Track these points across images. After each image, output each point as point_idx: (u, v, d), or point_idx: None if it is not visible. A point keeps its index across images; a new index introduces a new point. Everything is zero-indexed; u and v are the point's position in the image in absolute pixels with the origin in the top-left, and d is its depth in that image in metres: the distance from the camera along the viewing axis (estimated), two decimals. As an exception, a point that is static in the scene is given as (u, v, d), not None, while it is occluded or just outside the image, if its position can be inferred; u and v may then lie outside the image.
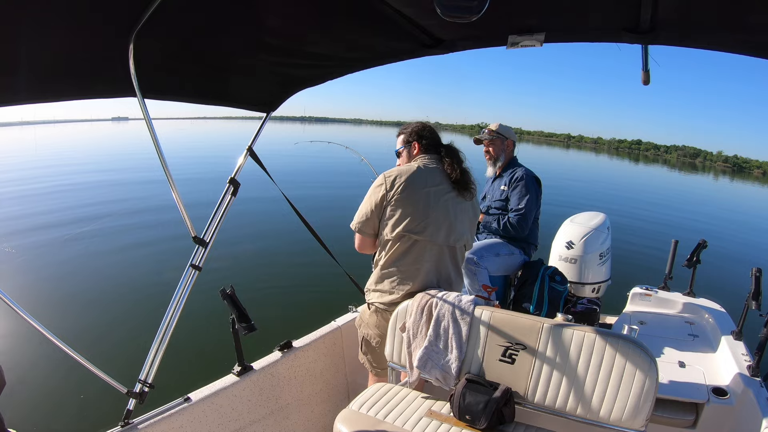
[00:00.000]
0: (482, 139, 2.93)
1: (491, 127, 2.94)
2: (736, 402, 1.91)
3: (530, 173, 2.82)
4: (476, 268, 2.60)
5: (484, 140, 2.92)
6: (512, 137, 2.94)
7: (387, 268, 1.83)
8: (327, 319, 2.38)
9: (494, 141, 2.90)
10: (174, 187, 1.54)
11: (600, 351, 1.45)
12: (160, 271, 5.85)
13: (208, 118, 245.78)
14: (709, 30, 1.33)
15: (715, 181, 50.64)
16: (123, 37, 1.21)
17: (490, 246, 2.70)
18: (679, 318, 2.76)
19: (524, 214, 2.71)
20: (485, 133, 2.94)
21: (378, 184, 1.81)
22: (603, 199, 16.11)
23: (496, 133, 2.90)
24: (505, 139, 2.90)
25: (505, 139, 2.90)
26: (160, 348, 1.56)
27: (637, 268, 6.29)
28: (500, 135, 2.89)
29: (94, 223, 8.65)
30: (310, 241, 2.32)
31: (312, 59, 1.74)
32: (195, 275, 1.68)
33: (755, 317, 2.14)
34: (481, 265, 2.61)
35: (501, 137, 2.89)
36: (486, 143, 2.92)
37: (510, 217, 2.74)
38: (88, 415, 3.12)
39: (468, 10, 0.89)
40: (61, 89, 1.32)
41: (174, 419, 1.61)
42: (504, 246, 2.76)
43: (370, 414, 1.59)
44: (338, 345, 2.33)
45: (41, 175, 15.14)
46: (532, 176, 2.81)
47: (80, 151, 28.67)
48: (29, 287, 5.16)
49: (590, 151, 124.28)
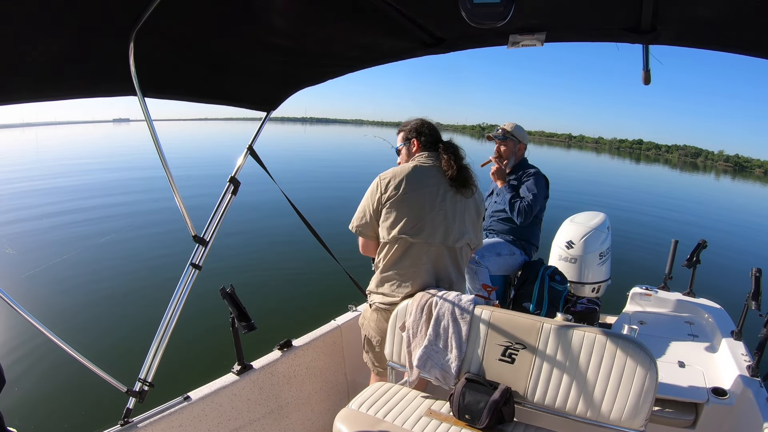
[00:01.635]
0: (495, 138, 2.85)
1: (506, 127, 2.85)
2: (736, 402, 1.91)
3: (541, 173, 2.80)
4: (477, 267, 2.60)
5: (497, 140, 2.84)
6: (525, 141, 2.88)
7: (386, 272, 1.83)
8: (327, 318, 2.38)
9: (507, 142, 2.82)
10: (174, 186, 1.54)
11: (600, 351, 1.45)
12: (160, 269, 5.86)
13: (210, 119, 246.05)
14: (710, 30, 1.33)
15: (717, 180, 50.61)
16: (123, 35, 1.21)
17: (492, 245, 2.70)
18: (678, 318, 2.76)
19: (531, 203, 2.65)
20: (499, 132, 2.85)
21: (373, 187, 1.79)
22: (603, 199, 16.10)
23: (511, 134, 2.81)
24: (518, 142, 2.83)
25: (518, 142, 2.83)
26: (160, 347, 1.56)
27: (637, 268, 6.30)
28: (514, 137, 2.82)
29: (94, 222, 8.67)
30: (310, 241, 2.32)
31: (312, 58, 1.73)
32: (195, 274, 1.68)
33: (755, 317, 2.14)
34: (483, 264, 2.61)
35: (514, 139, 2.82)
36: (498, 143, 2.84)
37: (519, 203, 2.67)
38: (87, 414, 3.12)
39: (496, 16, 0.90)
40: (62, 88, 1.32)
41: (174, 418, 1.61)
42: (505, 246, 2.75)
43: (370, 413, 1.59)
44: (338, 344, 2.33)
45: (42, 175, 15.16)
46: (542, 175, 2.79)
47: (81, 152, 28.69)
48: (29, 286, 5.16)
49: (591, 150, 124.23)
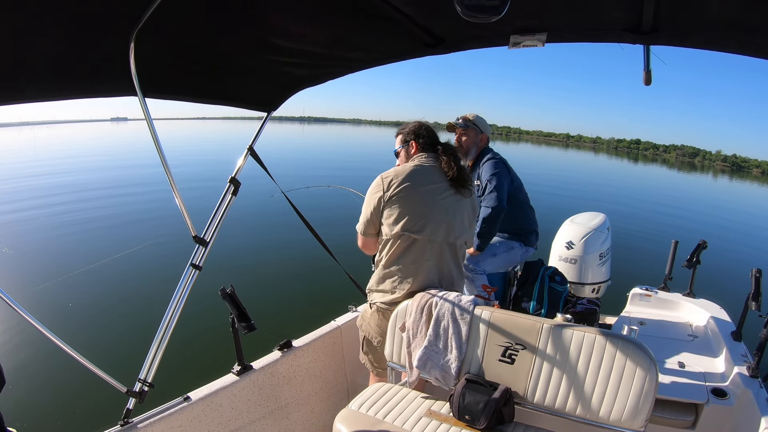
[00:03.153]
0: (456, 126, 2.70)
1: (468, 116, 2.70)
2: (736, 402, 1.91)
3: (495, 155, 2.66)
4: (473, 275, 2.58)
5: (458, 128, 2.70)
6: (487, 132, 2.75)
7: (388, 268, 1.84)
8: (327, 319, 2.38)
9: (468, 131, 2.68)
10: (174, 187, 1.54)
11: (600, 351, 1.45)
12: (160, 270, 5.85)
13: (208, 118, 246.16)
14: (710, 31, 1.33)
15: (715, 180, 50.66)
16: (124, 36, 1.21)
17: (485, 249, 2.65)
18: (678, 318, 2.76)
19: (495, 188, 2.52)
20: (460, 120, 2.70)
21: (375, 186, 1.82)
22: (603, 199, 16.11)
23: (473, 123, 2.68)
24: (480, 132, 2.70)
25: (480, 132, 2.70)
26: (160, 347, 1.56)
27: (637, 269, 6.30)
28: (476, 126, 2.68)
29: (94, 223, 8.66)
30: (310, 241, 2.32)
31: (313, 59, 1.74)
32: (195, 274, 1.68)
33: (755, 318, 2.14)
34: (479, 270, 2.59)
35: (476, 129, 2.69)
36: (459, 132, 2.70)
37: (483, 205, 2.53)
38: (87, 414, 3.12)
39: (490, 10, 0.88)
40: (62, 88, 1.32)
41: (174, 418, 1.61)
42: (500, 244, 2.69)
43: (370, 414, 1.59)
44: (338, 345, 2.33)
45: (40, 173, 15.15)
46: (497, 158, 2.64)
47: (79, 151, 28.66)
48: (29, 287, 5.16)
49: (589, 150, 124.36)
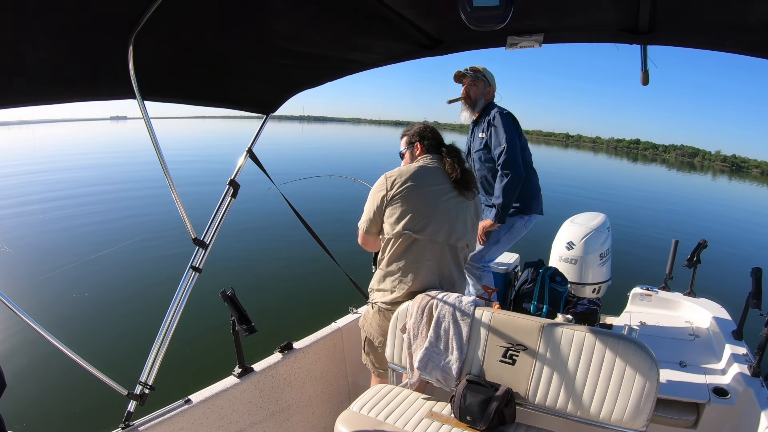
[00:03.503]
0: (466, 75, 2.61)
1: (477, 67, 2.62)
2: (737, 402, 1.91)
3: (502, 109, 2.59)
4: (480, 272, 2.58)
5: (468, 77, 2.61)
6: (494, 84, 2.68)
7: (389, 267, 1.84)
8: (327, 321, 2.38)
9: (477, 82, 2.61)
10: (174, 189, 1.53)
11: (601, 351, 1.44)
12: (160, 272, 5.85)
13: (207, 117, 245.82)
14: (708, 30, 1.34)
15: (714, 180, 50.68)
16: (123, 38, 1.21)
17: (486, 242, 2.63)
18: (679, 318, 2.76)
19: (507, 150, 2.46)
20: (470, 71, 2.61)
21: (378, 185, 1.83)
22: (603, 199, 16.12)
23: (482, 74, 2.60)
24: (488, 84, 2.63)
25: (488, 85, 2.63)
26: (161, 350, 1.56)
27: (637, 269, 6.29)
28: (485, 78, 2.61)
29: (94, 224, 8.66)
30: (310, 243, 2.32)
31: (312, 61, 1.74)
32: (195, 277, 1.68)
33: (755, 317, 2.14)
34: (486, 267, 2.58)
35: (485, 81, 2.61)
36: (468, 81, 2.62)
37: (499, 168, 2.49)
38: (88, 417, 3.11)
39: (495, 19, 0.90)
40: (60, 91, 1.32)
41: (174, 421, 1.61)
42: (499, 230, 2.61)
43: (371, 415, 1.59)
44: (339, 346, 2.32)
45: (39, 170, 15.15)
46: (504, 112, 2.57)
47: (78, 150, 28.63)
48: (29, 289, 5.15)
49: (589, 150, 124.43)
